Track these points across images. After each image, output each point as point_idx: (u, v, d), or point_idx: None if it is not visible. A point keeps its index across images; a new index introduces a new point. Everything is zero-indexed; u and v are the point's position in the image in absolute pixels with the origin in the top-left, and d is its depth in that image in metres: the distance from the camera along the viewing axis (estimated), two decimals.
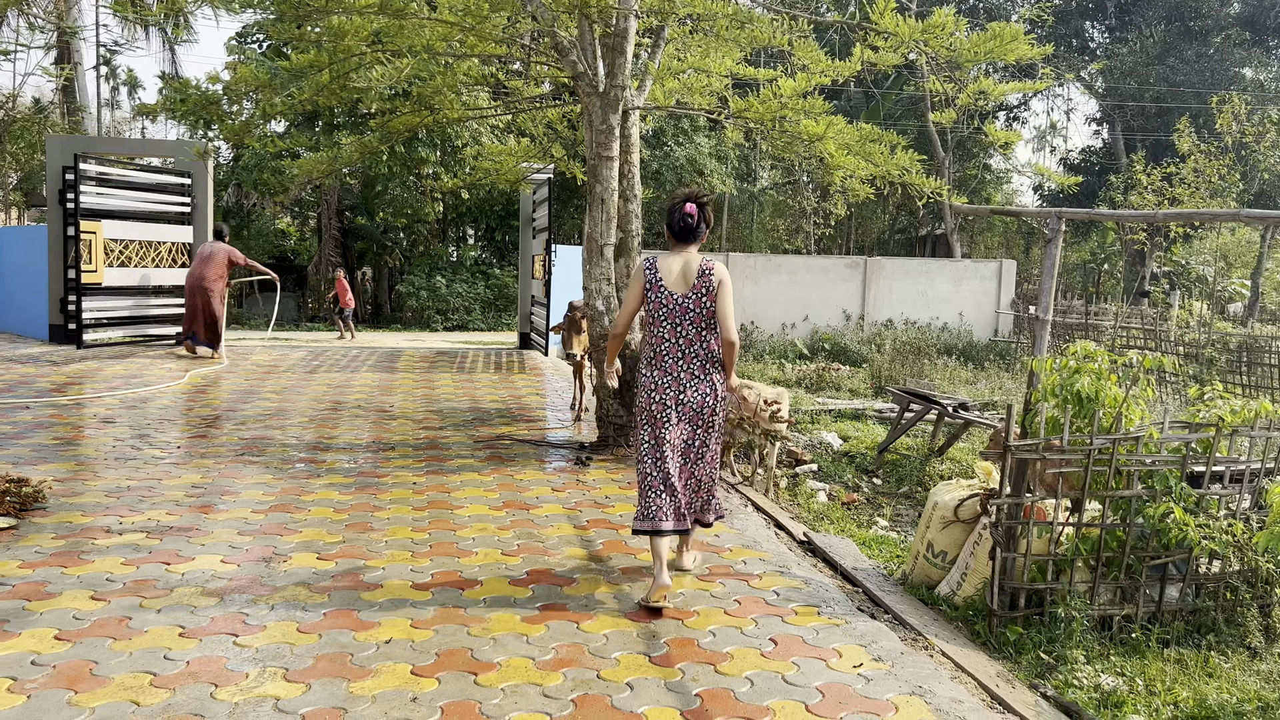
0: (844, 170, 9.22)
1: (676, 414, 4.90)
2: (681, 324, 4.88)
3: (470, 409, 10.39)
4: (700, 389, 4.91)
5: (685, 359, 4.90)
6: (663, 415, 4.90)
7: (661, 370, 4.93)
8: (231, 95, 7.68)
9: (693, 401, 4.91)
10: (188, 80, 8.04)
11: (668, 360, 4.92)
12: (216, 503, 6.35)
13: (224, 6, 6.77)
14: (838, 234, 34.40)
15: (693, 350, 4.89)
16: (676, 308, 4.87)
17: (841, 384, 14.93)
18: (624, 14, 7.98)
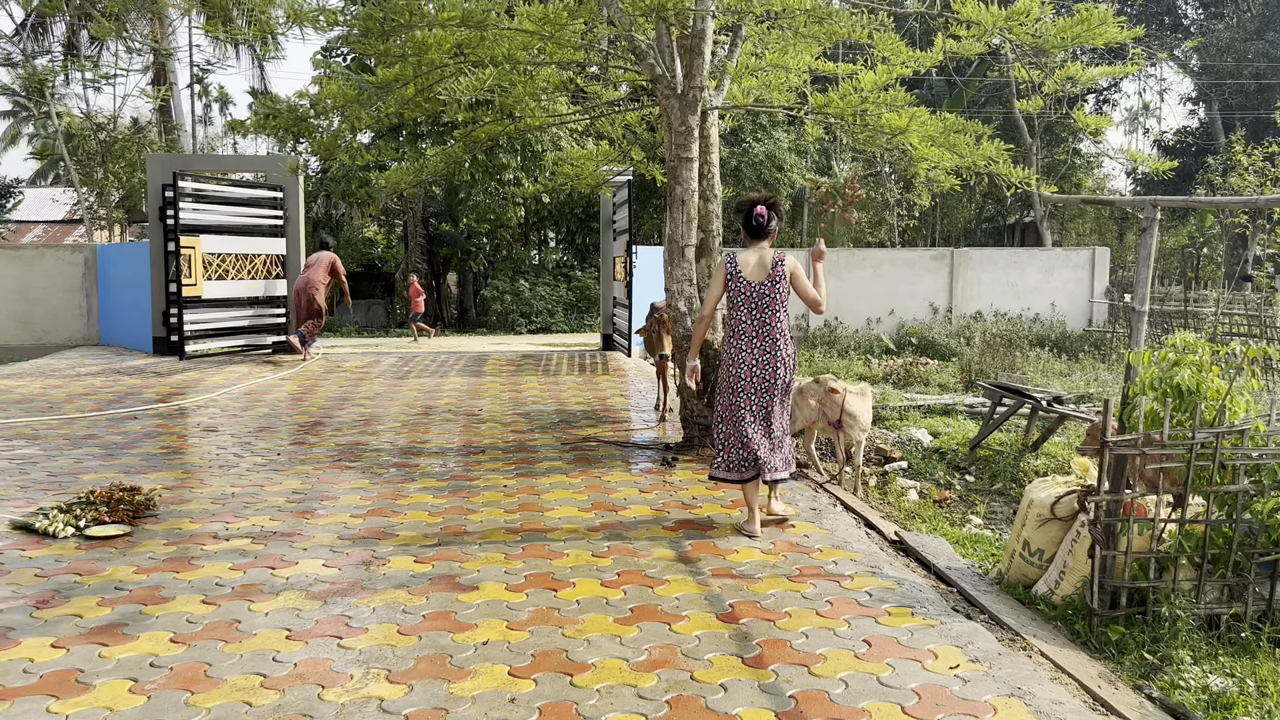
0: (928, 162, 9.08)
1: (751, 383, 5.93)
2: (756, 308, 5.89)
3: (556, 411, 10.52)
4: (771, 362, 5.91)
5: (759, 337, 5.91)
6: (740, 384, 5.94)
7: (739, 347, 5.94)
8: (319, 110, 7.92)
9: (765, 372, 5.92)
10: (277, 97, 8.31)
11: (744, 338, 5.93)
12: (316, 508, 6.55)
13: (311, 24, 6.98)
14: (922, 225, 33.84)
15: (765, 329, 5.91)
16: (754, 294, 5.88)
17: (930, 379, 14.71)
18: (701, 15, 7.99)
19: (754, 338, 5.90)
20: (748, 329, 5.91)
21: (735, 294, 5.92)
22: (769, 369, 5.91)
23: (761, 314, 5.88)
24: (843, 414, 7.89)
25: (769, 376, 5.91)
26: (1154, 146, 37.62)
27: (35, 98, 27.74)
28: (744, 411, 5.93)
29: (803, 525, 6.25)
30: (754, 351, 5.91)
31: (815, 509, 6.73)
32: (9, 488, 7.05)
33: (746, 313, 5.90)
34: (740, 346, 5.92)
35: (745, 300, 5.89)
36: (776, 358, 5.90)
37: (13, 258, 16.36)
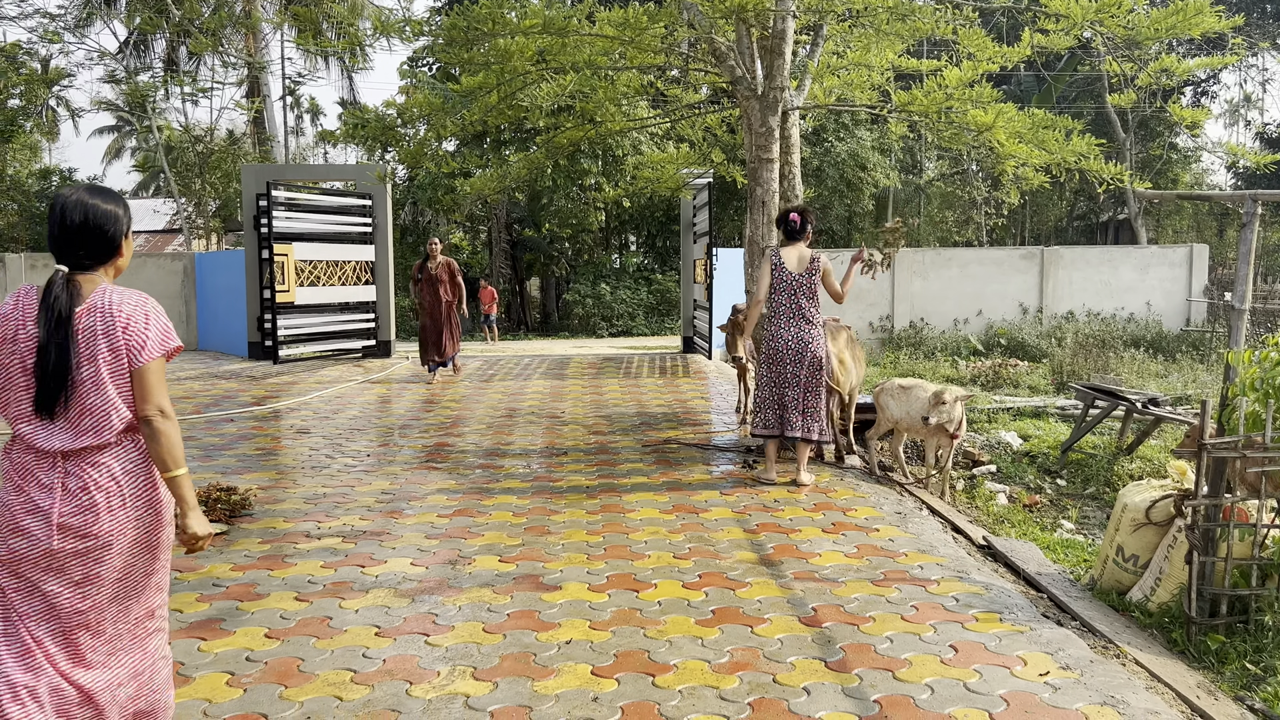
0: (1015, 159, 8.89)
1: (788, 356, 7.13)
2: (795, 294, 7.10)
3: (637, 414, 10.56)
4: (804, 337, 7.12)
5: (795, 317, 7.13)
6: (779, 354, 7.15)
7: (779, 325, 7.16)
8: (406, 119, 8.10)
9: (799, 345, 7.11)
10: (366, 107, 8.53)
11: (783, 318, 7.14)
12: (404, 508, 6.70)
13: (398, 35, 7.14)
14: (1011, 223, 33.08)
15: (800, 311, 7.13)
16: (793, 283, 7.11)
17: (1020, 380, 14.37)
18: (781, 15, 7.96)
19: (791, 318, 7.12)
20: (786, 310, 7.12)
21: (778, 281, 7.10)
22: (803, 343, 7.11)
23: (797, 299, 7.11)
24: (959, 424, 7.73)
25: (803, 350, 7.12)
26: (1256, 139, 36.17)
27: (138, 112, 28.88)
28: (781, 379, 7.15)
29: (887, 529, 6.18)
30: (791, 329, 7.12)
31: (900, 513, 6.64)
32: None
33: (786, 297, 7.10)
34: (780, 325, 7.13)
35: (786, 287, 7.10)
36: (809, 334, 7.12)
37: None
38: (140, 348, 2.86)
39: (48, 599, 2.83)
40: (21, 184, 28.04)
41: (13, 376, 2.85)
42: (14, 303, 2.86)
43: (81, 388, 2.83)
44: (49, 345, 2.79)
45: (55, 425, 2.82)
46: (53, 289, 2.82)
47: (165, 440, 2.88)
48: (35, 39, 25.89)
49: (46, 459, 2.82)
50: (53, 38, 24.99)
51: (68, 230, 2.87)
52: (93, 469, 2.83)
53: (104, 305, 2.85)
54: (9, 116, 25.47)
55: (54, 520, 2.80)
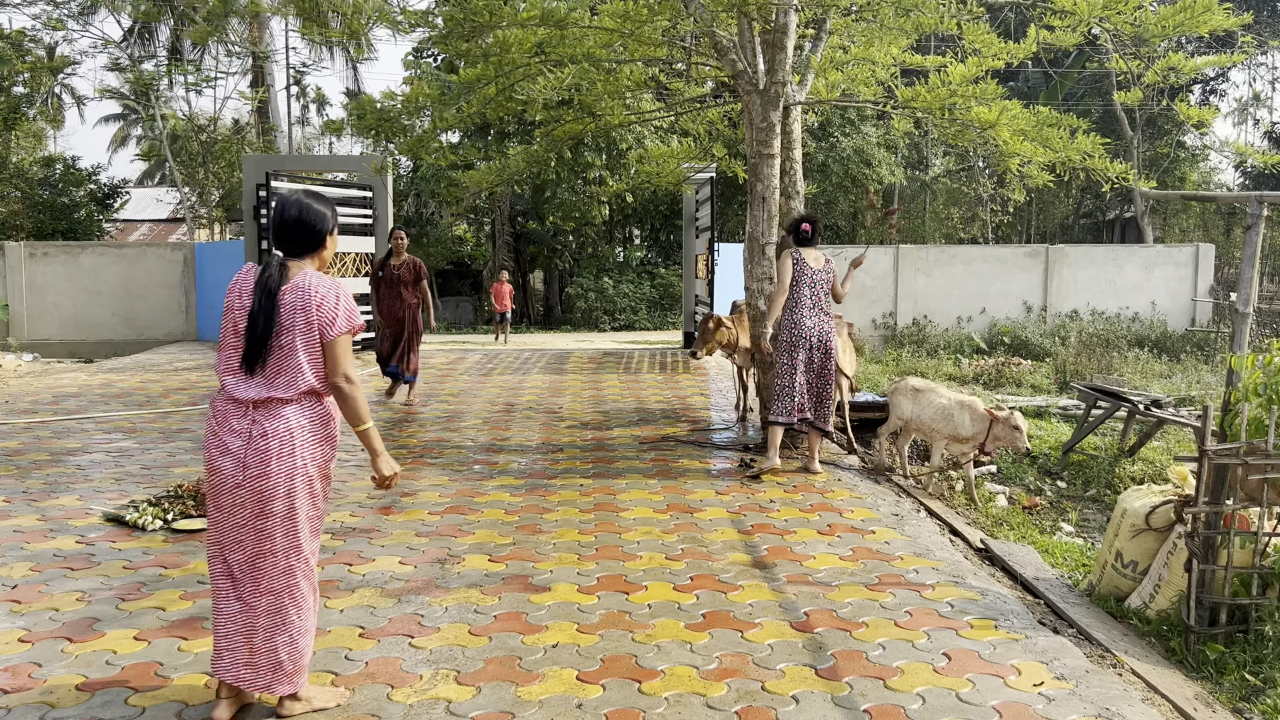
0: (1019, 157, 8.79)
1: (813, 343, 7.47)
2: (815, 286, 7.47)
3: (636, 410, 10.49)
4: (823, 327, 7.50)
5: (815, 308, 7.48)
6: (801, 343, 7.45)
7: (801, 314, 7.45)
8: (407, 111, 8.00)
9: (820, 334, 7.48)
10: (368, 98, 8.43)
11: (805, 308, 7.45)
12: (396, 504, 6.63)
13: (393, 27, 7.06)
14: (1017, 221, 32.91)
15: (819, 303, 7.51)
16: (814, 276, 7.48)
17: (1023, 380, 14.28)
18: (784, 9, 7.86)
19: (811, 309, 7.45)
20: (807, 301, 7.43)
21: (800, 275, 7.42)
22: (824, 333, 7.48)
23: (817, 291, 7.47)
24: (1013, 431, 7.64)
25: (823, 339, 7.48)
26: (1264, 138, 35.96)
27: (142, 101, 28.81)
28: (804, 365, 7.47)
29: (883, 531, 6.10)
30: (812, 319, 7.44)
31: (897, 514, 6.56)
32: (105, 480, 7.29)
33: (808, 289, 7.43)
34: (802, 314, 7.43)
35: (808, 280, 7.44)
36: (828, 325, 7.53)
37: (117, 256, 17.02)
38: (331, 323, 3.45)
39: (234, 526, 3.46)
40: (25, 172, 27.95)
41: (227, 336, 3.51)
42: (240, 276, 3.51)
43: (279, 350, 3.42)
44: (259, 313, 3.39)
45: (253, 380, 3.42)
46: (268, 269, 3.44)
47: (354, 402, 3.51)
48: (39, 26, 25.78)
49: (240, 407, 3.44)
50: (55, 25, 24.90)
51: (285, 224, 3.51)
52: (275, 419, 3.41)
53: (304, 285, 3.45)
54: (12, 104, 25.38)
55: (244, 459, 3.41)
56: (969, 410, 7.75)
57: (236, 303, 3.48)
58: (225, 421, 3.47)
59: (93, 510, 6.39)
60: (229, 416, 3.47)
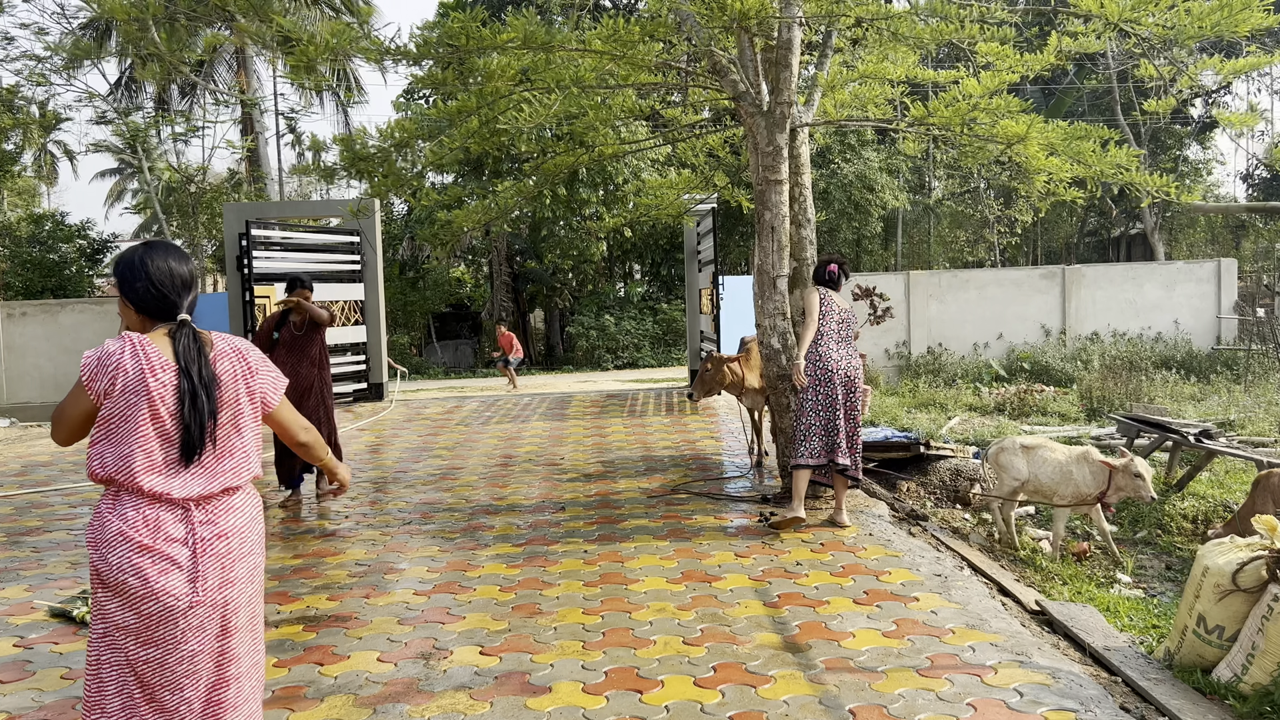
0: (1045, 174, 8.16)
1: (838, 378, 6.92)
2: (842, 324, 7.06)
3: (643, 457, 9.80)
4: (852, 363, 7.03)
5: (843, 343, 7.02)
6: (828, 377, 6.92)
7: (828, 349, 6.96)
8: (382, 146, 7.40)
9: (847, 369, 6.98)
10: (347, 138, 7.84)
11: (832, 342, 6.98)
12: (379, 582, 5.93)
13: (363, 55, 6.46)
14: (1023, 242, 32.31)
15: (846, 338, 7.06)
16: (841, 313, 7.07)
17: (1047, 407, 13.58)
18: (787, 24, 7.26)
19: (838, 341, 7.00)
20: (834, 334, 7.00)
21: (827, 310, 7.01)
22: (852, 368, 7.01)
23: (844, 327, 7.06)
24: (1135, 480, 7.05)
25: (850, 374, 6.98)
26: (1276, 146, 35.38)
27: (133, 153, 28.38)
28: (832, 402, 6.91)
29: (927, 597, 5.38)
30: (838, 352, 6.97)
31: (940, 574, 5.84)
32: (60, 564, 6.61)
33: (836, 324, 7.02)
34: (830, 348, 6.95)
35: (835, 316, 7.03)
36: (854, 359, 7.07)
37: (99, 313, 16.41)
38: (273, 389, 3.06)
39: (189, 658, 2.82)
40: (13, 229, 27.47)
41: (138, 427, 2.80)
42: (130, 351, 2.82)
43: (224, 430, 2.91)
44: (198, 389, 2.83)
45: (188, 472, 2.84)
46: (183, 337, 2.88)
47: (319, 448, 3.25)
48: (24, 81, 25.37)
49: (175, 509, 2.81)
50: (40, 80, 24.47)
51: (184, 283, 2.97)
52: (227, 514, 2.88)
53: (235, 350, 2.98)
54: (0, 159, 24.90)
55: (197, 571, 2.80)
56: (1087, 464, 7.12)
57: (150, 380, 2.80)
58: (157, 531, 2.79)
59: (39, 604, 5.70)
60: (160, 524, 2.80)
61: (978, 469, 9.66)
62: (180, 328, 2.90)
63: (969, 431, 11.91)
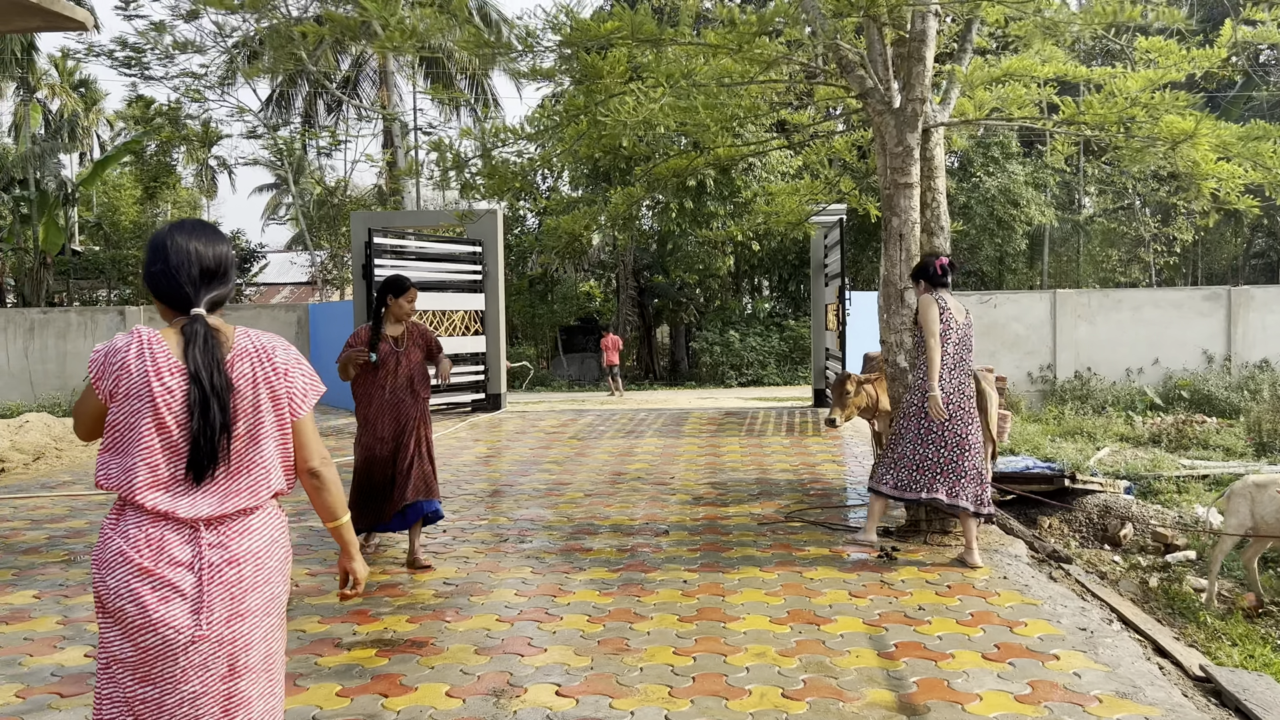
0: (1215, 180, 7.27)
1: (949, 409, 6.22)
2: (960, 344, 6.29)
3: (757, 481, 9.24)
4: (965, 392, 6.28)
5: (958, 369, 6.26)
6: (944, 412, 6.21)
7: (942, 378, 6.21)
8: (487, 150, 7.12)
9: (961, 400, 6.26)
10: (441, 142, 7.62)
11: (946, 368, 6.21)
12: (464, 605, 5.58)
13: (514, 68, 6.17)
14: (1182, 262, 30.22)
15: (963, 364, 6.30)
16: (960, 331, 6.29)
17: (1209, 440, 12.37)
18: (921, 13, 6.65)
19: (954, 368, 6.23)
20: (950, 359, 6.21)
21: (945, 327, 6.19)
22: (964, 397, 6.26)
23: (961, 350, 6.28)
24: None
25: (965, 405, 6.26)
26: None
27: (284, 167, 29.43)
28: (933, 439, 6.24)
29: (1070, 656, 4.68)
30: (953, 383, 6.22)
31: (1085, 628, 5.11)
32: None
33: (952, 346, 6.23)
34: (942, 376, 6.19)
35: (955, 335, 6.22)
36: (967, 387, 6.30)
37: (234, 319, 16.82)
38: (303, 395, 2.66)
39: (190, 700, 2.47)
40: None
41: (142, 437, 2.47)
42: (136, 349, 2.49)
43: (240, 443, 2.54)
44: (209, 397, 2.47)
45: (199, 489, 2.49)
46: (196, 333, 2.49)
47: (335, 488, 2.73)
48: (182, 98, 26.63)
49: (182, 529, 2.48)
50: (196, 96, 25.64)
51: (206, 271, 2.58)
52: (241, 536, 2.52)
53: (258, 349, 2.61)
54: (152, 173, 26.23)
55: (202, 600, 2.45)
56: None
57: (155, 384, 2.47)
58: (160, 554, 2.46)
59: None
60: (165, 546, 2.47)
61: (1130, 506, 8.74)
62: (192, 324, 2.53)
63: (1120, 464, 10.91)
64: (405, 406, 6.48)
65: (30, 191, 24.61)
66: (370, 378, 6.48)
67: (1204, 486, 9.87)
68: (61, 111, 36.51)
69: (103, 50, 23.26)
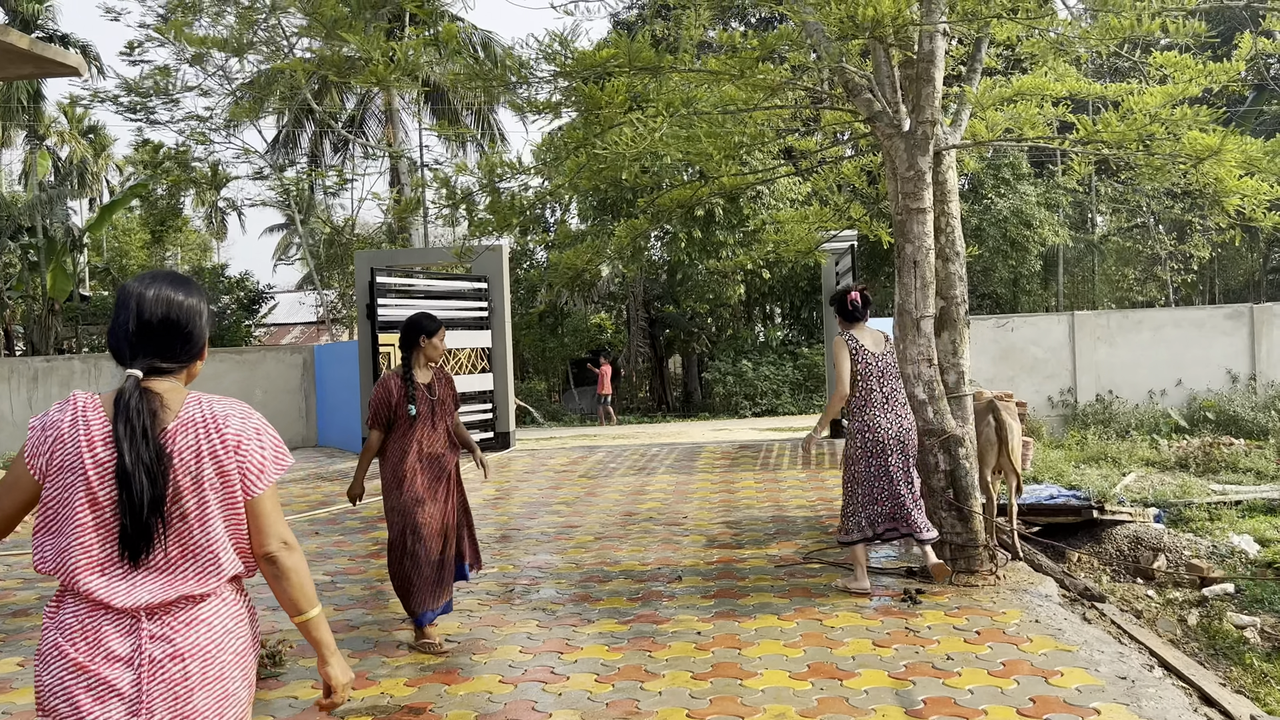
0: (1239, 195, 6.99)
1: (884, 449, 6.25)
2: (884, 377, 6.31)
3: (773, 518, 8.93)
4: (900, 427, 6.30)
5: (887, 405, 6.29)
6: (878, 449, 6.26)
7: (872, 416, 6.28)
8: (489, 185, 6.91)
9: (896, 437, 6.26)
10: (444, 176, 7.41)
11: (875, 408, 6.28)
12: (465, 665, 5.30)
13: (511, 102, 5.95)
14: (1199, 280, 29.84)
15: (892, 398, 6.32)
16: (878, 365, 6.30)
17: (1238, 464, 11.98)
18: (929, 34, 6.43)
19: (885, 404, 6.28)
20: (879, 396, 6.28)
21: (863, 367, 6.27)
22: (903, 430, 6.29)
23: (887, 381, 6.32)
24: None
25: (903, 438, 6.28)
26: None
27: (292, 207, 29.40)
28: (884, 474, 6.27)
29: (1112, 711, 4.36)
30: (887, 417, 6.27)
31: (1125, 677, 4.79)
32: None
33: (876, 382, 6.29)
34: (874, 414, 6.27)
35: (874, 372, 6.28)
36: (906, 420, 6.33)
37: (237, 362, 16.68)
38: (258, 471, 2.36)
39: None
40: None
41: (75, 514, 2.23)
42: (70, 417, 2.27)
43: (183, 523, 2.28)
44: (134, 470, 2.20)
45: (139, 574, 2.24)
46: (128, 398, 2.24)
47: (296, 577, 2.37)
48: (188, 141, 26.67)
49: (122, 620, 2.23)
50: (201, 139, 25.64)
51: (147, 327, 2.33)
52: (187, 628, 2.26)
53: (206, 418, 2.33)
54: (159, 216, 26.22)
55: (141, 701, 2.19)
56: None
57: (87, 457, 2.24)
58: (96, 647, 2.21)
59: None
60: (101, 638, 2.22)
61: (1161, 536, 8.40)
62: (123, 386, 2.30)
63: (1147, 491, 10.55)
64: (444, 462, 5.69)
65: (38, 239, 24.62)
66: (402, 433, 5.59)
67: (1237, 514, 9.50)
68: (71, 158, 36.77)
69: (108, 95, 23.25)
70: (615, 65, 5.65)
